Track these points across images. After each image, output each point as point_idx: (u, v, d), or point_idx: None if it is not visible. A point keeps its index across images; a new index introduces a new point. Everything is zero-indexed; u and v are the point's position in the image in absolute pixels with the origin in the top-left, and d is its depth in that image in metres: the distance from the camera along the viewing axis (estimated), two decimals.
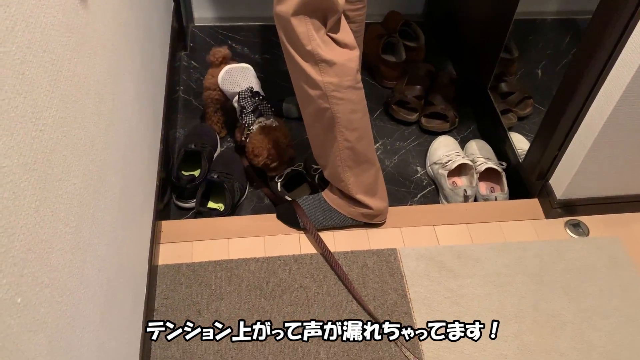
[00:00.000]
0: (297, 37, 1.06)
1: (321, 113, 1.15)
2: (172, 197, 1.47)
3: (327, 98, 1.12)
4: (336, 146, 1.19)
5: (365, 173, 1.24)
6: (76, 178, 0.74)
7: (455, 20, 1.94)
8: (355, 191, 1.25)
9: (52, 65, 0.66)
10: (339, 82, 1.10)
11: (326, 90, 1.11)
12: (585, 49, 1.14)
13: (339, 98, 1.12)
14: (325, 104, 1.13)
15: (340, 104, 1.13)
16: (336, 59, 1.08)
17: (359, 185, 1.25)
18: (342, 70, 1.10)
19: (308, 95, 1.14)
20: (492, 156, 1.60)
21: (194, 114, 1.73)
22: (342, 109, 1.13)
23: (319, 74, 1.10)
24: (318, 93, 1.12)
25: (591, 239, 1.35)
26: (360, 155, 1.21)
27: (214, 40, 1.99)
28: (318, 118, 1.17)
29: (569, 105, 1.20)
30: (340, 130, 1.16)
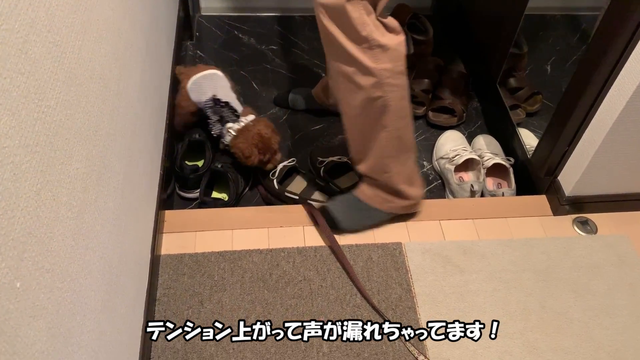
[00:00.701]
0: (352, 24, 1.02)
1: (371, 103, 1.12)
2: (176, 187, 1.46)
3: (382, 86, 1.09)
4: (385, 136, 1.16)
5: (407, 161, 1.22)
6: (79, 163, 0.72)
7: (464, 14, 1.92)
8: (398, 182, 1.23)
9: (56, 46, 0.65)
10: (393, 67, 1.08)
11: (381, 77, 1.08)
12: (598, 44, 1.12)
13: (393, 85, 1.10)
14: (378, 92, 1.10)
15: (394, 90, 1.10)
16: (389, 44, 1.06)
17: (401, 175, 1.22)
18: (395, 55, 1.07)
19: (357, 86, 1.10)
20: (499, 152, 1.58)
21: None
22: (394, 96, 1.11)
23: (373, 61, 1.06)
24: (372, 81, 1.09)
25: (599, 237, 1.33)
26: (405, 143, 1.19)
27: (220, 30, 1.97)
28: (366, 109, 1.14)
29: (580, 100, 1.18)
30: (392, 119, 1.13)
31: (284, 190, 1.45)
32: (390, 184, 1.23)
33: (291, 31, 1.99)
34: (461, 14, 1.95)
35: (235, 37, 1.95)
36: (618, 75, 1.11)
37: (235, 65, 1.85)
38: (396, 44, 1.07)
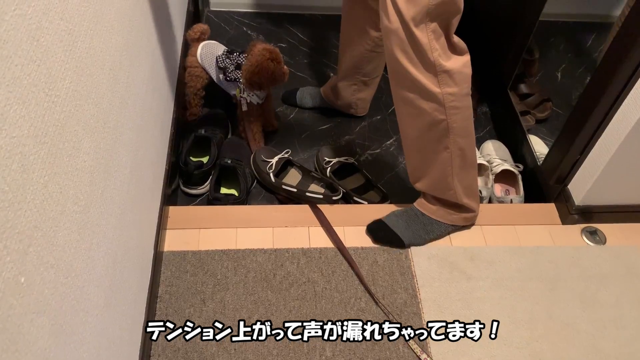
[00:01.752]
0: (419, 49, 1.01)
1: (434, 125, 1.10)
2: (180, 183, 1.44)
3: (445, 109, 1.07)
4: (447, 156, 1.14)
5: (470, 176, 1.20)
6: (87, 155, 0.70)
7: (476, 17, 1.90)
8: (462, 197, 1.21)
9: (69, 34, 0.63)
10: (459, 91, 1.06)
11: (445, 101, 1.06)
12: (614, 52, 1.10)
13: (457, 107, 1.07)
14: (442, 116, 1.08)
15: (458, 113, 1.08)
16: (455, 67, 1.03)
17: (465, 190, 1.21)
18: (460, 78, 1.05)
19: (419, 109, 1.08)
20: (508, 158, 1.56)
21: (205, 100, 1.69)
22: (459, 118, 1.09)
23: (437, 86, 1.04)
24: (434, 106, 1.07)
25: (608, 247, 1.32)
26: (468, 159, 1.17)
27: (228, 25, 1.95)
28: (429, 130, 1.12)
29: (594, 109, 1.17)
30: (455, 140, 1.11)
31: (281, 184, 1.44)
32: (455, 200, 1.22)
33: (300, 29, 1.97)
34: (473, 16, 1.93)
35: (243, 33, 1.93)
36: (634, 85, 1.10)
37: None
38: (461, 65, 1.05)
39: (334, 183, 1.41)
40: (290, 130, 1.64)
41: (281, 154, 1.47)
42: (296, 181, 1.45)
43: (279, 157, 1.46)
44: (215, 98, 1.69)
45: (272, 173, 1.43)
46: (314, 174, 1.45)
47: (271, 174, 1.43)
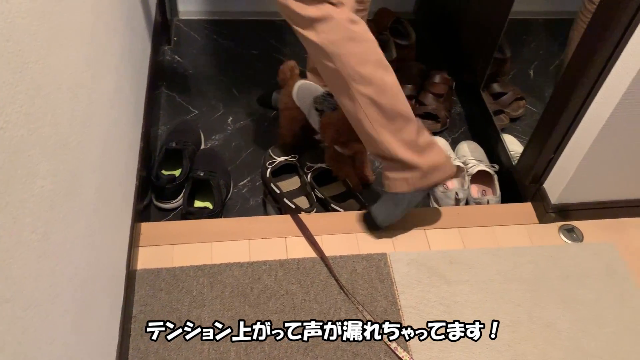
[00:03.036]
0: (291, 10, 1.10)
1: (334, 78, 1.14)
2: (152, 197, 1.41)
3: (330, 57, 1.11)
4: (358, 107, 1.14)
5: (403, 129, 1.15)
6: (44, 180, 0.67)
7: (448, 18, 1.90)
8: (397, 150, 1.15)
9: (17, 56, 0.60)
10: (334, 37, 1.10)
11: (326, 48, 1.11)
12: (583, 51, 1.10)
13: (338, 54, 1.10)
14: (330, 63, 1.12)
15: (342, 59, 1.11)
16: (322, 15, 1.09)
17: (400, 143, 1.15)
18: (332, 25, 1.09)
19: (322, 65, 1.14)
20: (484, 158, 1.56)
21: (176, 110, 1.67)
22: (346, 63, 1.11)
23: (316, 36, 1.10)
24: (323, 53, 1.12)
25: (586, 245, 1.32)
26: (387, 110, 1.13)
27: (198, 34, 1.93)
28: (335, 86, 1.16)
29: (565, 108, 1.17)
30: (355, 87, 1.12)
31: (271, 181, 1.43)
32: (389, 154, 1.16)
33: (272, 35, 1.94)
34: (444, 18, 1.93)
35: (214, 42, 1.91)
36: (604, 82, 1.10)
37: (214, 69, 1.80)
38: (328, 13, 1.09)
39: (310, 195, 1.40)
40: (269, 135, 1.62)
41: (288, 157, 1.47)
42: (287, 188, 1.44)
43: (284, 158, 1.46)
44: (185, 103, 1.66)
45: (270, 169, 1.43)
46: (308, 189, 1.43)
47: (269, 169, 1.43)
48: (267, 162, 1.48)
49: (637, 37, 1.01)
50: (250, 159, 1.56)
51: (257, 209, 1.44)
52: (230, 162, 1.54)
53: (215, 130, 1.62)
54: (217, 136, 1.61)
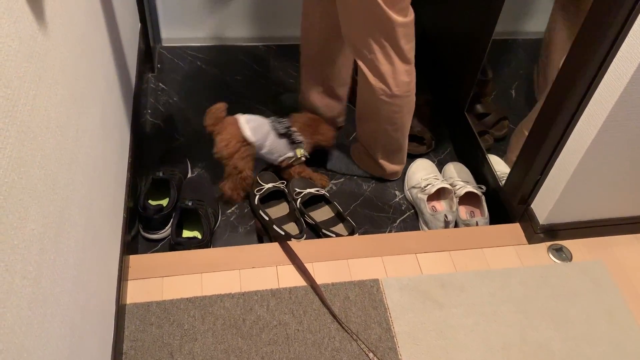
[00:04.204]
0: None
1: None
2: (140, 228, 1.39)
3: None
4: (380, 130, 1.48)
5: (390, 146, 1.52)
6: (35, 223, 0.66)
7: (429, 39, 1.92)
8: (377, 156, 1.53)
9: (7, 100, 0.59)
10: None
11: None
12: (567, 73, 1.12)
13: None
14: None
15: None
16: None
17: (381, 152, 1.53)
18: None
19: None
20: (470, 179, 1.57)
21: (162, 138, 1.66)
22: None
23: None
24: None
25: (575, 264, 1.33)
26: (395, 141, 1.50)
27: (182, 61, 1.92)
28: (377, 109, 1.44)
29: (550, 130, 1.18)
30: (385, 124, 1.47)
31: (259, 208, 1.43)
32: (370, 152, 1.53)
33: (256, 61, 1.95)
34: (425, 38, 1.96)
35: (198, 68, 1.90)
36: (587, 105, 1.12)
37: (198, 97, 1.80)
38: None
39: (299, 221, 1.40)
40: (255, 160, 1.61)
41: (276, 183, 1.48)
42: (276, 215, 1.43)
43: (272, 184, 1.47)
44: (170, 131, 1.65)
45: (258, 195, 1.44)
46: (298, 215, 1.43)
47: (257, 195, 1.44)
48: (255, 189, 1.48)
49: (620, 59, 1.03)
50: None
51: (246, 236, 1.43)
52: (218, 190, 1.53)
53: (202, 157, 1.61)
54: (203, 163, 1.60)
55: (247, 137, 1.38)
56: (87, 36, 1.01)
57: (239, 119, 1.40)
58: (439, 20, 1.87)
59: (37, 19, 0.71)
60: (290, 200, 1.47)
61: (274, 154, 1.45)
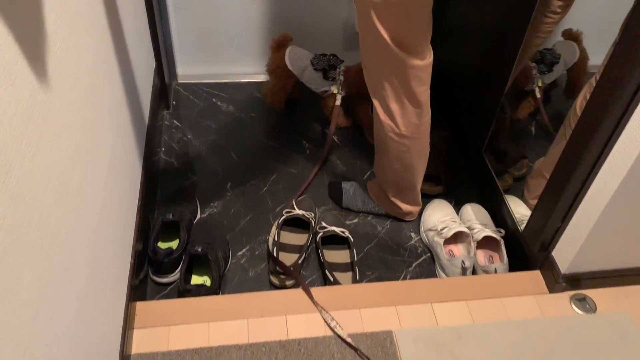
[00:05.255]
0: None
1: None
2: (149, 271, 1.37)
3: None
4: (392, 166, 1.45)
5: (408, 188, 1.50)
6: (29, 290, 0.64)
7: (446, 75, 1.89)
8: (395, 197, 1.51)
9: (2, 167, 0.57)
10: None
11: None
12: (588, 119, 1.08)
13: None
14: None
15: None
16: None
17: (398, 193, 1.50)
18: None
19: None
20: (489, 222, 1.52)
21: (175, 176, 1.64)
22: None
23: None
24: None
25: (599, 315, 1.26)
26: (405, 179, 1.47)
27: (197, 98, 1.92)
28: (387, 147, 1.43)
29: (571, 177, 1.14)
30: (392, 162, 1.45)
31: (280, 227, 1.45)
32: (384, 188, 1.51)
33: None
34: (442, 74, 1.93)
35: (213, 105, 1.90)
36: (610, 152, 1.07)
37: (213, 134, 1.79)
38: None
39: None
40: (268, 200, 1.59)
41: (306, 213, 1.48)
42: (290, 241, 1.46)
43: (302, 213, 1.47)
44: (183, 169, 1.63)
45: (285, 216, 1.47)
46: (308, 250, 1.44)
47: (284, 216, 1.47)
48: (285, 209, 1.49)
49: None
50: (250, 226, 1.53)
51: (256, 280, 1.40)
52: (229, 230, 1.51)
53: (214, 196, 1.59)
54: (216, 203, 1.58)
55: (286, 63, 1.69)
56: (96, 84, 1.00)
57: (288, 48, 1.70)
58: (456, 55, 1.84)
59: (38, 76, 0.70)
60: (311, 233, 1.45)
61: (312, 84, 1.71)
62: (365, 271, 1.44)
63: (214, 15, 1.85)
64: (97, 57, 1.02)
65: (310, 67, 1.68)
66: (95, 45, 1.01)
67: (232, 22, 1.87)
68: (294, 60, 1.70)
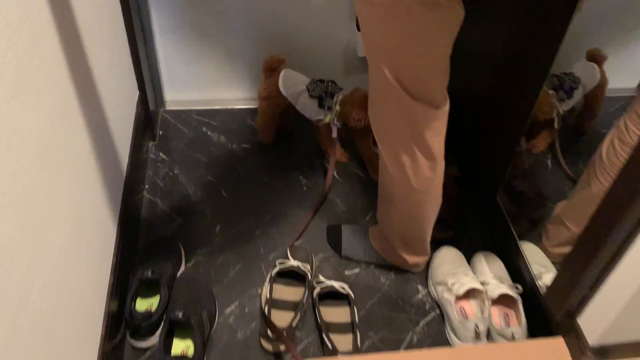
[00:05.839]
0: None
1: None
2: (127, 334, 1.22)
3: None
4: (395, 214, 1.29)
5: (412, 238, 1.33)
6: None
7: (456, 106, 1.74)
8: (398, 246, 1.34)
9: None
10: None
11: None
12: (629, 177, 0.93)
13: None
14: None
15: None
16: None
17: (402, 243, 1.33)
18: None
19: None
20: (504, 274, 1.38)
21: (158, 218, 1.50)
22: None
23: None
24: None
25: None
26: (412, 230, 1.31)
27: (187, 127, 1.78)
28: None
29: (606, 241, 0.99)
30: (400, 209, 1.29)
31: (273, 280, 1.32)
32: (389, 240, 1.35)
33: None
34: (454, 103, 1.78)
35: (203, 135, 1.76)
36: None
37: (202, 169, 1.64)
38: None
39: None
40: (261, 245, 1.45)
41: (302, 265, 1.34)
42: (283, 296, 1.31)
43: (298, 264, 1.33)
44: (168, 209, 1.48)
45: (278, 267, 1.33)
46: (304, 308, 1.29)
47: (277, 267, 1.34)
48: (278, 260, 1.35)
49: None
50: (239, 277, 1.38)
51: (245, 344, 1.25)
52: (216, 282, 1.36)
53: (201, 242, 1.45)
54: (203, 249, 1.43)
55: (280, 89, 1.54)
56: (53, 142, 0.86)
57: (282, 72, 1.56)
58: (469, 83, 1.68)
59: None
60: (307, 288, 1.32)
61: (306, 111, 1.56)
62: (367, 331, 1.29)
63: (204, 38, 1.70)
64: (56, 109, 0.88)
65: (306, 92, 1.53)
66: (52, 99, 0.87)
67: (224, 44, 1.72)
68: (288, 84, 1.55)
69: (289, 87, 1.55)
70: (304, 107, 1.56)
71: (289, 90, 1.55)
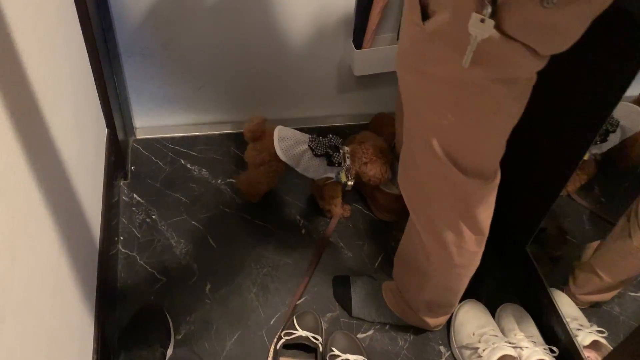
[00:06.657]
0: None
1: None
2: None
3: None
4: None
5: (431, 301, 1.18)
6: None
7: None
8: (417, 307, 1.19)
9: None
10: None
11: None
12: None
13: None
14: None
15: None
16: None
17: (422, 305, 1.18)
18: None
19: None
20: (534, 332, 1.24)
21: (138, 278, 1.29)
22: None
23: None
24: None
25: None
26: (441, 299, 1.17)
27: (161, 159, 1.56)
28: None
29: None
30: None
31: (279, 354, 1.15)
32: (410, 303, 1.20)
33: None
34: None
35: (181, 169, 1.54)
36: None
37: (184, 212, 1.43)
38: None
39: None
40: (260, 307, 1.26)
41: (311, 335, 1.17)
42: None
43: (307, 335, 1.17)
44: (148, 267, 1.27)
45: (284, 339, 1.17)
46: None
47: (283, 339, 1.17)
48: (284, 329, 1.19)
49: None
50: (237, 350, 1.20)
51: None
52: (211, 357, 1.18)
53: (190, 306, 1.25)
54: (192, 316, 1.24)
55: (278, 154, 1.31)
56: None
57: (275, 134, 1.32)
58: None
59: None
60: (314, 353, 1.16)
61: (310, 173, 1.35)
62: None
63: (178, 58, 1.48)
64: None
65: (309, 152, 1.31)
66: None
67: (200, 63, 1.50)
68: (287, 148, 1.32)
69: (288, 151, 1.32)
70: (307, 169, 1.34)
71: (289, 153, 1.32)
